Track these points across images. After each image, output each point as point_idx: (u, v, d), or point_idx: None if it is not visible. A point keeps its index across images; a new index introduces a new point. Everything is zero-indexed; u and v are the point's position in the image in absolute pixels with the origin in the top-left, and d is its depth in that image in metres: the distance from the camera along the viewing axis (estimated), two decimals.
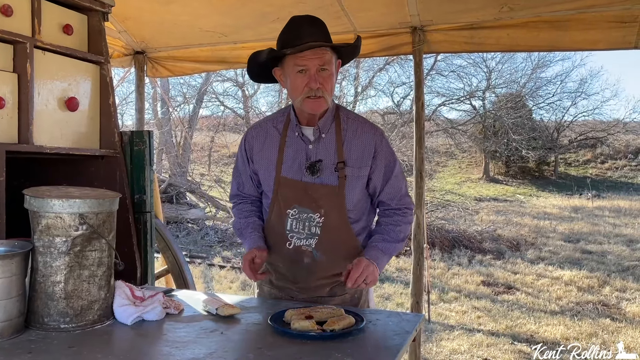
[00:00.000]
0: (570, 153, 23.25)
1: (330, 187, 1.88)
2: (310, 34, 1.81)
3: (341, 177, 1.87)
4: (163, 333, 1.54)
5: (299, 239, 1.91)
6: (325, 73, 1.82)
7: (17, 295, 1.49)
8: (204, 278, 7.18)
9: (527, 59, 21.41)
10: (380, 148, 1.93)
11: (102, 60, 2.14)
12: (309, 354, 1.36)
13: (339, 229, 1.90)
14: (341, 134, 1.91)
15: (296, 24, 1.85)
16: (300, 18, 1.88)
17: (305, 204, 1.89)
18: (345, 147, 1.90)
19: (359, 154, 1.91)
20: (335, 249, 1.92)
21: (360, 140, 1.92)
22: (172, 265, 3.02)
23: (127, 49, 4.00)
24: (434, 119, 19.42)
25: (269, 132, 1.98)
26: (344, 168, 1.88)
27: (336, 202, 1.88)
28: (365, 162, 1.91)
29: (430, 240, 8.79)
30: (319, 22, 1.88)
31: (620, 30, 3.00)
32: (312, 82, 1.79)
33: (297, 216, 1.90)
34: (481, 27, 3.26)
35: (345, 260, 1.87)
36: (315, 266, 1.92)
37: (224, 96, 17.74)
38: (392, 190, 1.97)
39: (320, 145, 1.90)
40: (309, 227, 1.89)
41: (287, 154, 1.92)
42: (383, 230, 1.95)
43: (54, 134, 1.96)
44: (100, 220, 1.60)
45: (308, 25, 1.84)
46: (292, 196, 1.90)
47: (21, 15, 1.86)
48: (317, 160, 1.88)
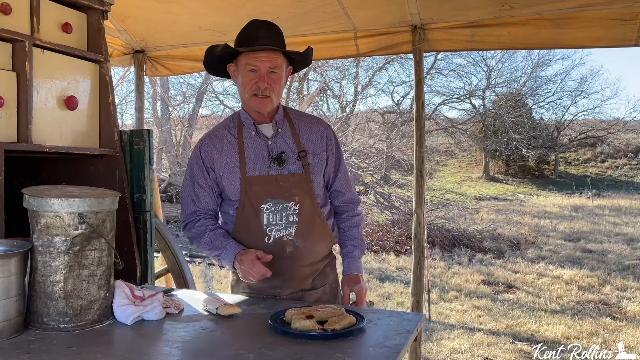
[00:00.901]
0: (570, 152, 23.26)
1: (297, 175, 1.99)
2: (266, 37, 1.92)
3: (305, 164, 2.00)
4: (163, 333, 1.53)
5: (278, 230, 1.97)
6: (274, 75, 1.94)
7: (16, 295, 1.48)
8: (204, 277, 7.17)
9: (527, 58, 21.45)
10: (331, 138, 2.11)
11: (101, 59, 2.13)
12: (310, 353, 1.35)
13: (313, 214, 2.02)
14: (295, 127, 2.06)
15: (254, 26, 1.96)
16: (259, 22, 1.99)
17: (278, 195, 1.96)
18: (302, 138, 2.04)
19: (315, 142, 2.06)
20: (311, 234, 2.02)
21: (313, 131, 2.08)
22: (172, 265, 3.02)
23: (126, 48, 4.00)
24: (434, 118, 19.43)
25: (225, 138, 2.03)
26: (306, 156, 2.01)
27: (306, 189, 1.99)
28: (322, 149, 2.07)
29: (430, 239, 8.78)
30: (276, 28, 1.99)
31: (621, 27, 3.00)
32: (260, 82, 1.92)
33: (273, 209, 1.96)
34: (482, 25, 3.25)
35: (320, 244, 2.05)
36: (298, 253, 1.99)
37: (224, 95, 17.74)
38: (344, 177, 2.15)
39: (278, 139, 2.02)
40: (287, 216, 1.97)
41: (248, 154, 1.99)
42: (351, 236, 2.14)
43: (53, 133, 1.96)
44: (100, 220, 1.59)
45: (265, 29, 1.95)
46: (263, 191, 1.96)
47: (20, 14, 1.85)
48: (281, 152, 1.99)
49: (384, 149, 16.12)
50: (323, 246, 2.07)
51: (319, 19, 3.29)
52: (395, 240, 9.32)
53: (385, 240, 9.36)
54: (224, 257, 1.94)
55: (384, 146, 16.43)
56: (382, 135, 17.85)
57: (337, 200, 2.16)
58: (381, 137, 17.61)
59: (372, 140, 16.59)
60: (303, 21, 3.35)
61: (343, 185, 2.15)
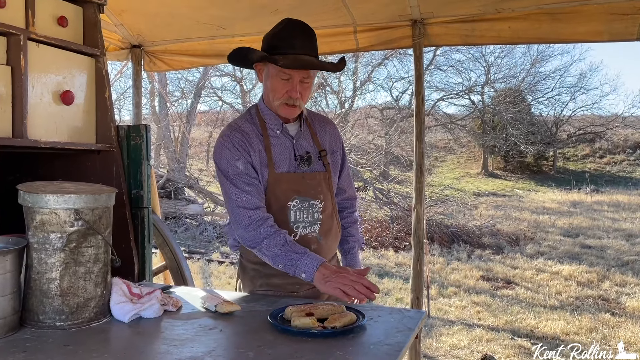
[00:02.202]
0: (569, 148, 23.26)
1: (321, 173, 2.00)
2: (302, 47, 1.85)
3: (326, 163, 2.02)
4: (161, 331, 1.51)
5: (304, 227, 1.96)
6: (306, 84, 1.91)
7: (11, 293, 1.46)
8: (202, 274, 7.16)
9: (526, 54, 21.44)
10: (339, 137, 2.16)
11: (97, 53, 2.10)
12: (310, 351, 1.34)
13: (332, 212, 2.05)
14: (311, 126, 2.06)
15: (289, 31, 1.88)
16: (294, 25, 1.90)
17: (305, 193, 1.95)
18: (319, 137, 2.06)
19: (330, 142, 2.09)
20: (330, 231, 2.05)
21: (327, 131, 2.10)
22: (170, 262, 2.99)
23: (123, 42, 3.96)
24: (432, 114, 19.39)
25: (254, 132, 1.94)
26: (326, 155, 2.04)
27: (328, 187, 2.02)
28: (336, 149, 2.12)
29: (429, 235, 8.78)
30: (312, 35, 1.92)
31: (622, 22, 2.97)
32: (292, 92, 1.87)
33: (300, 206, 1.95)
34: (482, 20, 3.22)
35: (335, 241, 2.10)
36: (320, 250, 1.98)
37: (222, 91, 17.70)
38: (347, 175, 2.18)
39: (301, 139, 2.01)
40: (312, 213, 1.98)
41: (275, 152, 1.94)
42: (352, 233, 2.19)
43: (49, 128, 1.93)
44: (96, 216, 1.57)
45: (301, 35, 1.88)
46: (290, 188, 1.93)
47: (14, 7, 1.82)
48: (306, 151, 1.99)
49: (382, 145, 16.10)
50: (336, 243, 2.13)
51: (319, 11, 3.26)
52: (394, 237, 9.31)
53: (384, 237, 9.36)
54: (303, 262, 1.75)
55: (382, 142, 16.41)
56: (381, 131, 17.83)
57: (339, 197, 2.17)
58: (380, 133, 17.60)
59: (370, 136, 16.58)
60: (302, 13, 3.30)
61: (345, 183, 2.18)
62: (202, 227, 10.35)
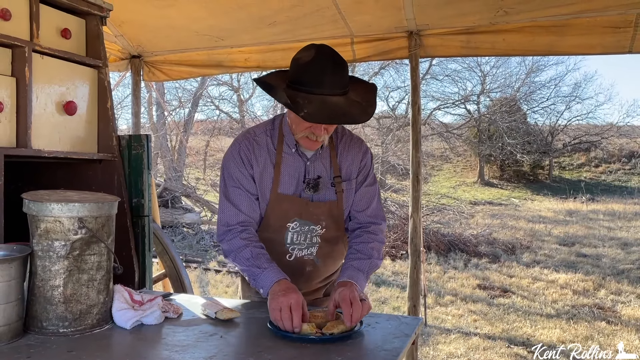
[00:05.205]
0: (564, 157, 23.38)
1: (330, 202, 1.88)
2: (332, 84, 1.66)
3: (339, 191, 1.89)
4: (162, 337, 1.54)
5: (300, 249, 1.91)
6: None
7: (15, 300, 1.48)
8: (199, 282, 7.16)
9: (522, 64, 21.59)
10: (363, 160, 1.95)
11: (100, 64, 2.14)
12: (309, 357, 1.36)
13: (337, 236, 1.96)
14: (335, 146, 1.92)
15: (320, 65, 1.66)
16: (324, 56, 1.68)
17: (306, 217, 1.87)
18: (339, 160, 1.91)
19: (350, 166, 1.93)
20: (331, 254, 1.97)
21: (351, 153, 1.93)
22: (169, 270, 3.02)
23: (123, 53, 4.00)
24: (429, 123, 19.49)
25: (267, 145, 1.86)
26: (341, 182, 1.89)
27: (336, 215, 1.91)
28: (354, 174, 1.94)
29: (426, 243, 8.80)
30: (343, 69, 1.71)
31: (615, 35, 3.03)
32: (316, 129, 1.74)
33: (298, 229, 1.88)
34: (477, 32, 3.28)
35: (337, 263, 2.01)
36: (316, 272, 1.96)
37: (220, 100, 17.78)
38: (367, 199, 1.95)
39: (317, 161, 1.88)
40: (311, 237, 1.90)
41: (284, 170, 1.85)
42: (354, 251, 1.87)
43: (52, 138, 1.96)
44: (99, 224, 1.60)
45: (332, 71, 1.66)
46: (292, 210, 1.86)
47: (19, 19, 1.86)
48: (317, 177, 1.87)
49: (379, 153, 16.16)
50: (339, 263, 2.04)
51: (316, 23, 3.32)
52: (391, 245, 9.32)
53: None
54: (262, 278, 1.69)
55: (379, 151, 16.48)
56: (378, 140, 17.91)
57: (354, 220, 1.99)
58: (377, 141, 17.67)
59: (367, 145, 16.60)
60: (300, 25, 3.37)
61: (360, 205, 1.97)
62: (199, 235, 10.35)
